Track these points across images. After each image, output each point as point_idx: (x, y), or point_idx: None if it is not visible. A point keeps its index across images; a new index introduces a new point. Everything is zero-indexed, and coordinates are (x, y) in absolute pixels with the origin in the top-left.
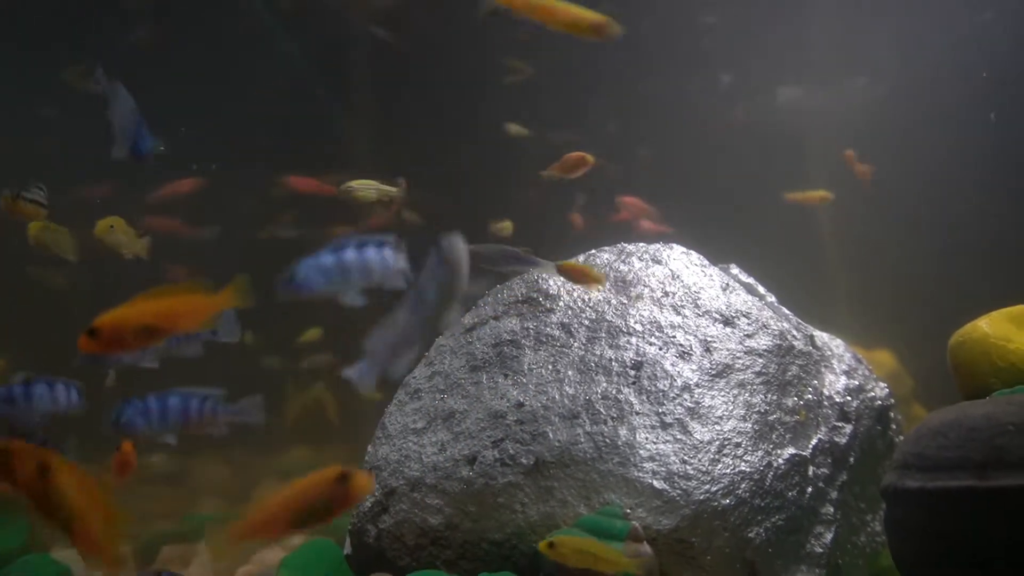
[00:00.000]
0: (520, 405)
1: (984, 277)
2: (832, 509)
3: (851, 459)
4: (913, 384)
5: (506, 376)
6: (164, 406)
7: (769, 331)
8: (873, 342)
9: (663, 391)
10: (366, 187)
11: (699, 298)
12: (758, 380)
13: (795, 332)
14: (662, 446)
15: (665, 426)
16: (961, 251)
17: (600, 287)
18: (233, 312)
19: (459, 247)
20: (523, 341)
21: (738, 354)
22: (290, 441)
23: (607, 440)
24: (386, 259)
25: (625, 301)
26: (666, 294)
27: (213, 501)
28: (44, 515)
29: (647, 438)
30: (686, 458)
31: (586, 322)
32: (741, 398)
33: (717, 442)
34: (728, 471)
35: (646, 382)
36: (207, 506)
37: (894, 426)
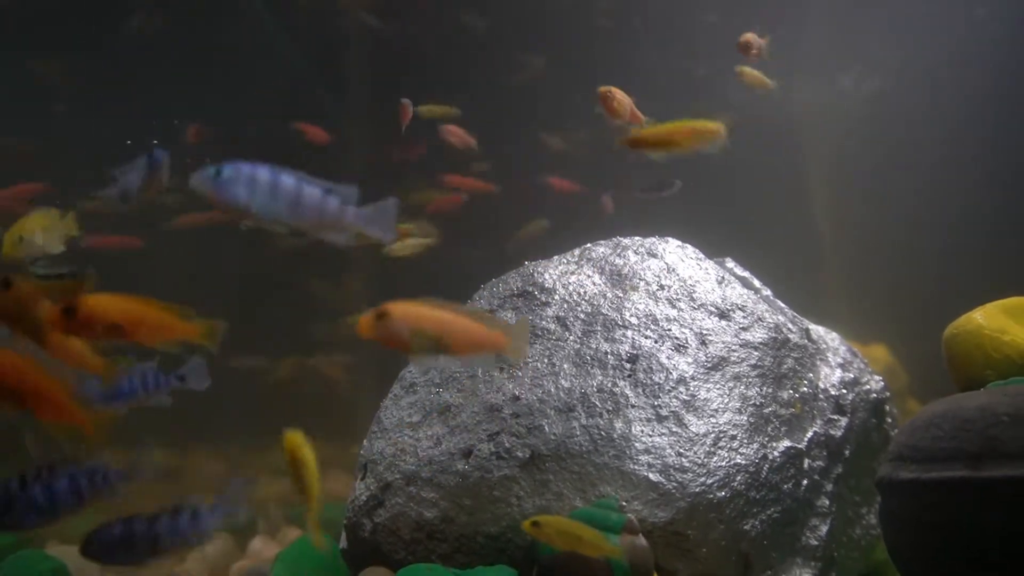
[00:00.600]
0: (516, 398)
1: (979, 273)
2: (827, 502)
3: (846, 452)
4: (908, 379)
5: (502, 369)
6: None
7: (764, 324)
8: (868, 337)
9: (658, 384)
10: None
11: (695, 291)
12: (753, 373)
13: (790, 325)
14: (658, 439)
15: (661, 419)
16: (957, 247)
17: None
18: (204, 362)
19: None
20: None
21: (733, 347)
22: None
23: (603, 433)
24: (326, 205)
25: (621, 295)
26: (662, 287)
27: (206, 497)
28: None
29: (643, 431)
30: (682, 451)
31: (582, 315)
32: (736, 391)
33: (713, 435)
34: (724, 464)
35: (642, 375)
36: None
37: (889, 419)
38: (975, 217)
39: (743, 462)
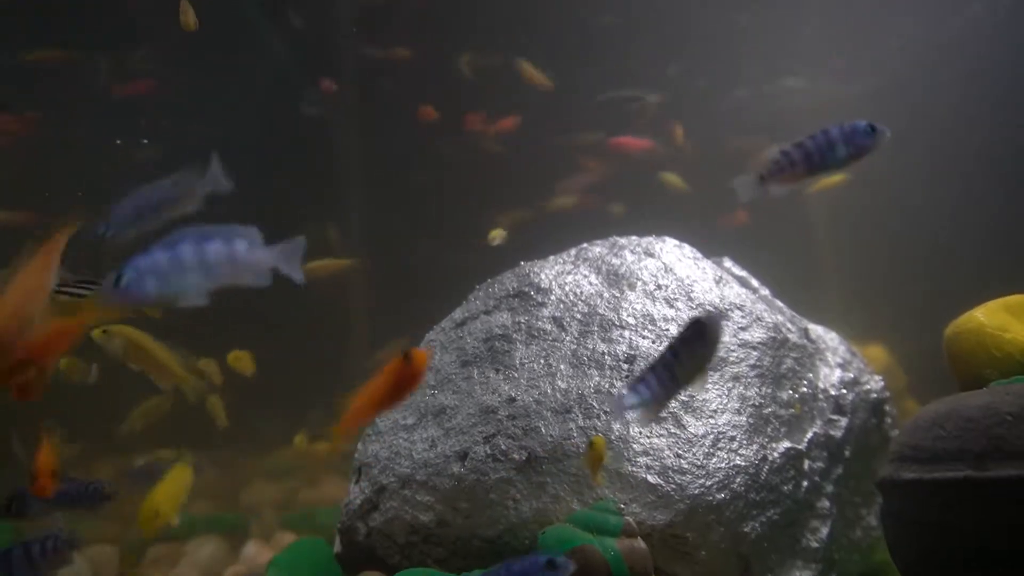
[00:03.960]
0: (512, 400)
1: (977, 272)
2: (827, 503)
3: (846, 452)
4: (906, 379)
5: (497, 371)
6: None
7: (763, 324)
8: (866, 337)
9: None
10: None
11: (692, 291)
12: (752, 373)
13: (789, 325)
14: (656, 440)
15: (659, 420)
16: (955, 246)
17: None
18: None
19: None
20: (514, 335)
21: (732, 347)
22: (277, 442)
23: (600, 434)
24: (237, 254)
25: (617, 294)
26: (659, 287)
27: (200, 502)
28: None
29: (641, 432)
30: (680, 452)
31: (578, 316)
32: (735, 391)
33: (711, 436)
34: (723, 465)
35: None
36: (194, 506)
37: (889, 419)
38: (973, 215)
39: (742, 463)
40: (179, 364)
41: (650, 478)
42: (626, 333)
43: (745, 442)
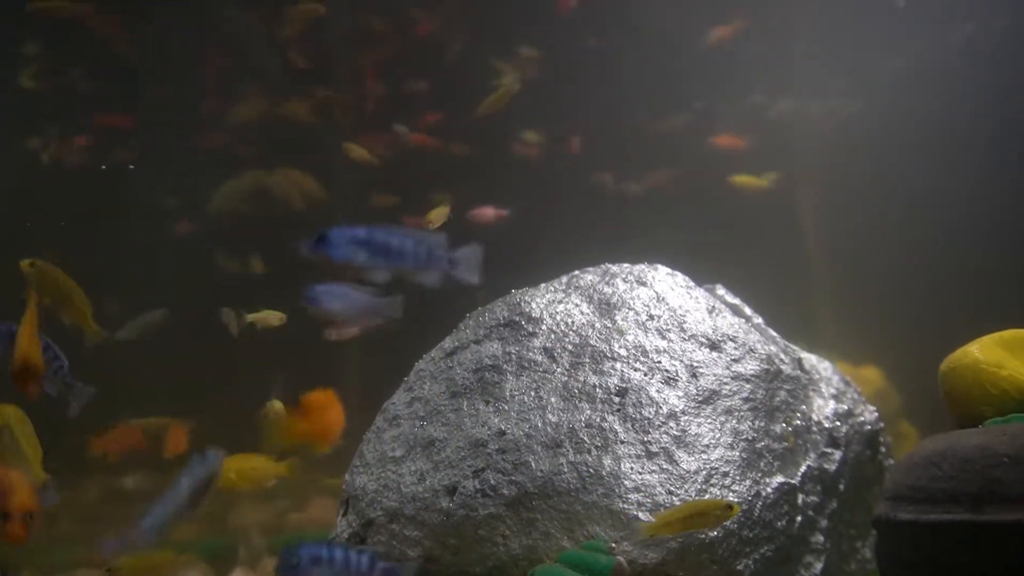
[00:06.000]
0: (502, 433)
1: (971, 294)
2: (822, 538)
3: (840, 486)
4: (900, 401)
5: (487, 403)
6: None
7: (756, 355)
8: (860, 358)
9: (648, 419)
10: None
11: (685, 321)
12: (745, 406)
13: (783, 356)
14: (648, 476)
15: (651, 455)
16: (948, 266)
17: None
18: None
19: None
20: (505, 366)
21: (725, 380)
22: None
23: (591, 470)
24: (419, 255)
25: (609, 324)
26: (651, 317)
27: (186, 525)
28: None
29: (632, 468)
30: (672, 489)
31: (569, 347)
32: (728, 425)
33: (704, 472)
34: None
35: (631, 409)
36: (180, 531)
37: (883, 449)
38: (967, 238)
39: (735, 500)
40: (89, 307)
41: (642, 516)
42: (618, 365)
43: (738, 477)
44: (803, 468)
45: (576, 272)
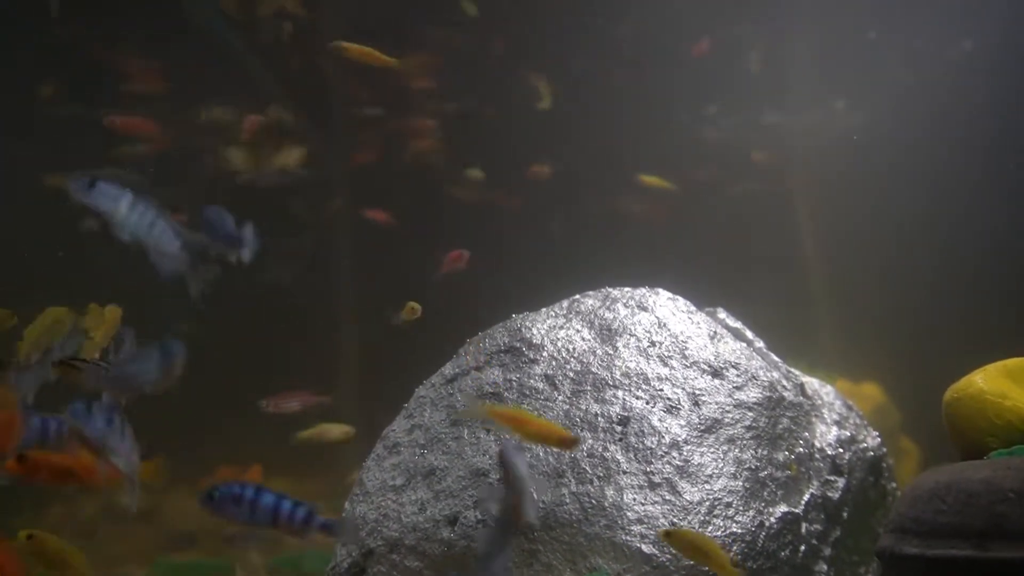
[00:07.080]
0: None
1: (970, 308)
2: (825, 567)
3: (844, 513)
4: (900, 417)
5: (488, 431)
6: None
7: (759, 382)
8: (859, 375)
9: (651, 448)
10: None
11: (687, 348)
12: (748, 435)
13: (785, 382)
14: (650, 507)
15: (653, 486)
16: (947, 283)
17: None
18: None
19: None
20: (506, 394)
21: (727, 408)
22: (266, 476)
23: (593, 501)
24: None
25: (611, 351)
26: (653, 343)
27: (188, 547)
28: None
29: (635, 499)
30: (676, 520)
31: (571, 374)
32: (731, 454)
33: (707, 502)
34: (719, 533)
35: (633, 439)
36: (181, 554)
37: (886, 474)
38: (966, 254)
39: (739, 531)
40: None
41: (644, 548)
42: (619, 393)
43: (741, 508)
44: (806, 496)
45: (577, 296)
